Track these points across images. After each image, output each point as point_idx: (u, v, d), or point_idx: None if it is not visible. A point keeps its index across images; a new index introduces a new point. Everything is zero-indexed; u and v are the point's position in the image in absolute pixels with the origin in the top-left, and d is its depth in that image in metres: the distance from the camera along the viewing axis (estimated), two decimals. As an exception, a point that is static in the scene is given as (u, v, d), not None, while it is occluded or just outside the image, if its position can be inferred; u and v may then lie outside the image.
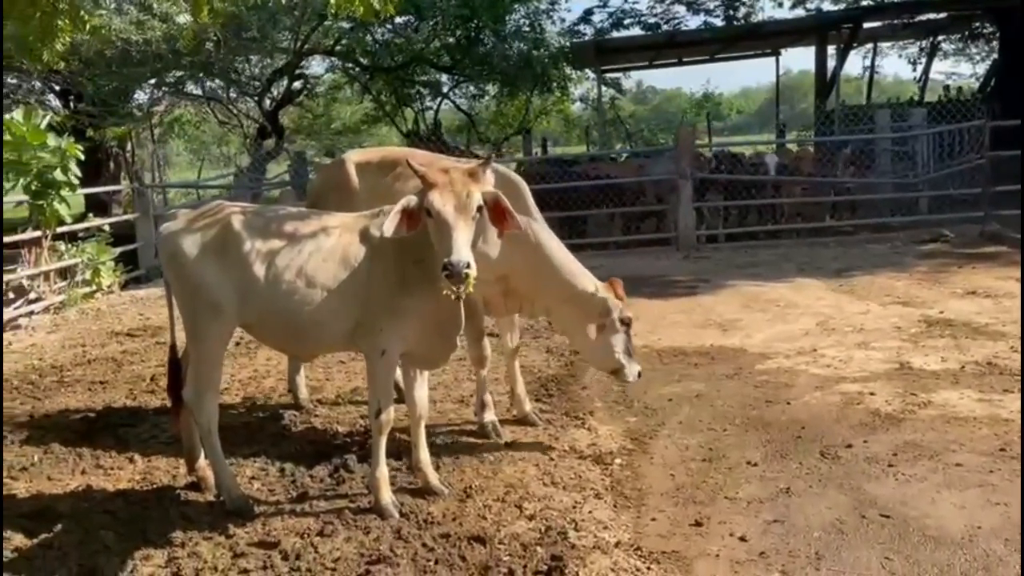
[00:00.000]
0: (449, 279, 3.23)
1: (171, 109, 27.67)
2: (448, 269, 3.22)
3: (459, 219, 3.33)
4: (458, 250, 3.26)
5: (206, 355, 3.86)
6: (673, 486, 4.08)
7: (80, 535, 3.74)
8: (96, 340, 8.10)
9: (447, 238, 3.30)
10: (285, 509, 3.93)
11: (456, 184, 3.40)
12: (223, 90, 24.94)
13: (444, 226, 3.33)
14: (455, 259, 3.22)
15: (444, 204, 3.35)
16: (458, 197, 3.36)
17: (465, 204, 3.36)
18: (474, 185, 3.43)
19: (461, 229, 3.32)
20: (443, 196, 3.37)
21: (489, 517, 3.77)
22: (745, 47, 20.23)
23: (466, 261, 3.24)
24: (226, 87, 26.07)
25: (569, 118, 30.24)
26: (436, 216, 3.35)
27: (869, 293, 8.24)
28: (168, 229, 3.88)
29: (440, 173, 3.45)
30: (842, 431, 4.64)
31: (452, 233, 3.30)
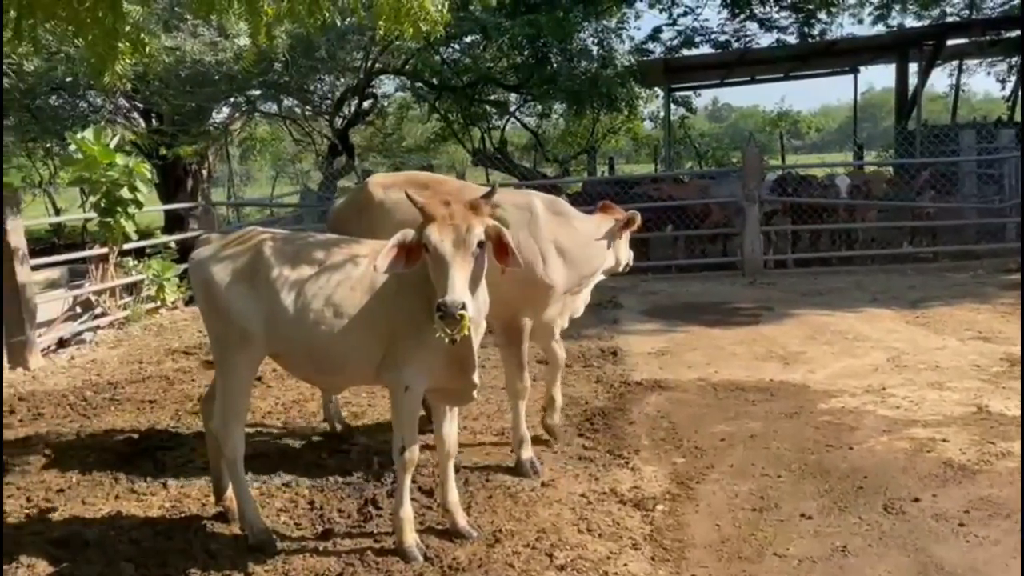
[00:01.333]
0: (442, 320, 3.02)
1: (247, 127, 28.44)
2: (442, 310, 3.00)
3: (457, 255, 3.12)
4: (453, 289, 3.04)
5: (234, 385, 3.76)
6: (718, 538, 3.79)
7: (102, 566, 3.68)
8: (153, 357, 8.18)
9: (443, 276, 3.10)
10: (308, 547, 3.79)
11: (456, 217, 3.19)
12: (299, 107, 25.47)
13: (440, 263, 3.12)
14: (449, 299, 3.01)
15: (442, 239, 3.14)
16: (457, 232, 3.15)
17: (464, 239, 3.14)
18: (475, 219, 3.21)
19: (458, 266, 3.11)
20: (441, 231, 3.16)
21: (517, 565, 3.55)
22: (821, 64, 19.59)
23: (461, 302, 3.01)
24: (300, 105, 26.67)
25: (638, 137, 29.91)
26: (432, 252, 3.15)
27: (947, 326, 7.74)
28: (199, 255, 3.80)
29: (440, 205, 3.25)
30: (909, 482, 4.27)
31: (448, 271, 3.09)
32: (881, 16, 21.99)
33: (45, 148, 21.91)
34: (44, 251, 10.89)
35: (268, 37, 7.09)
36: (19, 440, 5.67)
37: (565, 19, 17.46)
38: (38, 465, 5.09)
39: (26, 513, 4.37)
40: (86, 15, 5.72)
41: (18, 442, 5.63)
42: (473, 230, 3.15)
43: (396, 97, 27.52)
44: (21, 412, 6.42)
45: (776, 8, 20.11)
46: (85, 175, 9.70)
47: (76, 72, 15.85)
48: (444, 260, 3.10)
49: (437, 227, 3.16)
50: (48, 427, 5.94)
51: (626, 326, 8.42)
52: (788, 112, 33.59)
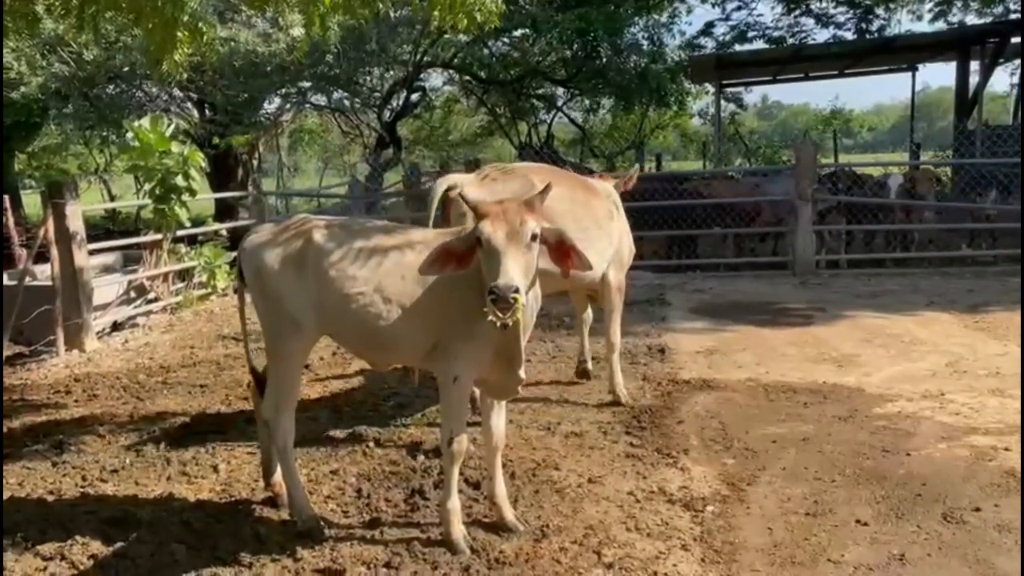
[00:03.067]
0: (495, 304, 2.98)
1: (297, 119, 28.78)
2: (494, 292, 2.97)
3: (510, 246, 3.09)
4: (506, 273, 3.01)
5: (285, 372, 3.79)
6: (770, 542, 3.70)
7: (153, 546, 3.73)
8: (204, 342, 8.31)
9: (496, 263, 3.07)
10: (356, 534, 3.80)
11: (509, 213, 3.17)
12: (348, 99, 25.69)
13: (493, 253, 3.10)
14: (502, 282, 2.97)
15: (495, 231, 3.12)
16: (510, 225, 3.13)
17: (518, 232, 3.12)
18: (529, 215, 3.18)
19: (512, 255, 3.07)
20: (494, 223, 3.14)
21: (564, 562, 3.52)
22: (878, 62, 19.12)
23: (514, 285, 2.98)
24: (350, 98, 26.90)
25: (686, 133, 29.61)
26: (486, 243, 3.12)
27: (1008, 332, 7.49)
28: (251, 243, 3.83)
29: (493, 204, 3.25)
30: (969, 492, 4.14)
31: (501, 258, 3.06)
32: (942, 12, 21.41)
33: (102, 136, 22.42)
34: (98, 237, 11.11)
35: (322, 28, 7.13)
36: (75, 420, 5.80)
37: (616, 13, 17.33)
38: (93, 445, 5.19)
39: (81, 491, 4.46)
40: (146, 4, 5.80)
41: (73, 422, 5.76)
42: (527, 224, 3.12)
43: (444, 91, 27.51)
44: (76, 393, 6.57)
45: (833, 3, 19.69)
46: (140, 163, 9.87)
47: (134, 61, 16.16)
48: (497, 249, 3.07)
49: (490, 221, 3.14)
50: (103, 408, 6.07)
51: (674, 324, 8.31)
52: (841, 110, 32.85)
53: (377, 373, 6.46)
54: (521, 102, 24.02)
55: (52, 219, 8.19)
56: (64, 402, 6.32)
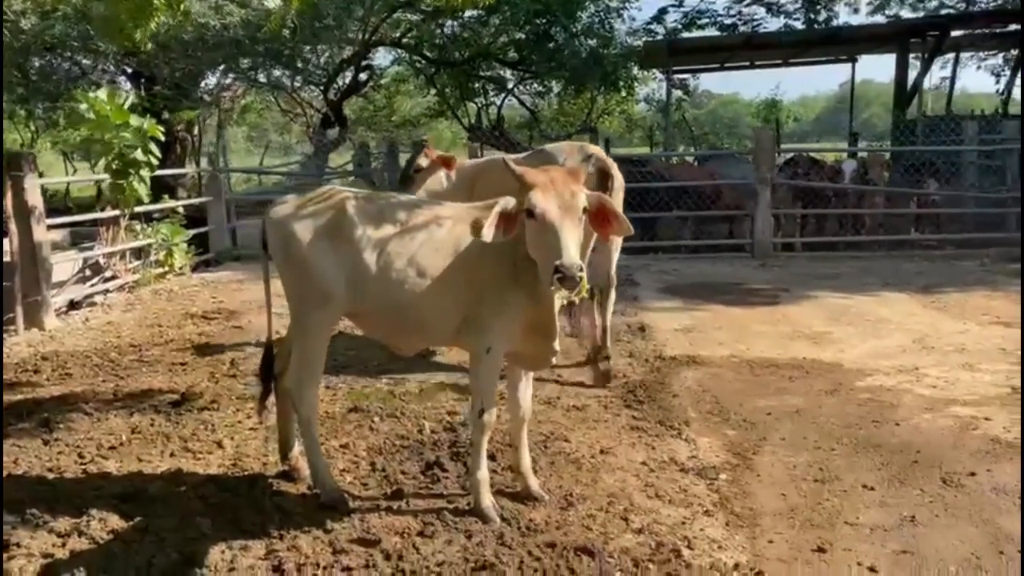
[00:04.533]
0: (562, 283, 3.00)
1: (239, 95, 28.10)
2: (561, 272, 2.98)
3: (565, 219, 3.11)
4: (568, 252, 3.03)
5: (312, 344, 3.75)
6: (786, 507, 3.85)
7: (175, 520, 3.66)
8: (172, 321, 8.11)
9: (554, 240, 3.07)
10: (381, 506, 3.81)
11: (558, 183, 3.19)
12: (288, 78, 25.19)
13: (549, 228, 3.10)
14: (568, 261, 2.99)
15: (548, 204, 3.13)
16: (561, 197, 3.15)
17: (570, 204, 3.14)
18: (576, 185, 3.21)
19: (568, 229, 3.09)
20: (545, 196, 3.15)
21: (594, 528, 3.59)
22: (822, 52, 19.67)
23: (579, 263, 3.01)
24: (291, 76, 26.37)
25: (632, 118, 29.91)
26: (540, 217, 3.12)
27: (964, 311, 7.87)
28: (279, 213, 3.77)
29: (539, 173, 3.26)
30: (961, 458, 4.37)
31: (560, 234, 3.07)
32: (880, 6, 22.11)
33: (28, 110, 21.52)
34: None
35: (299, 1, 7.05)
36: (55, 399, 5.62)
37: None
38: (83, 423, 5.04)
39: (83, 469, 4.34)
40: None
41: (54, 400, 5.57)
42: (578, 195, 3.15)
43: (392, 70, 27.18)
44: (46, 371, 6.35)
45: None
46: (97, 136, 9.54)
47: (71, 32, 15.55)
48: (552, 224, 3.09)
49: (540, 193, 3.15)
50: (81, 386, 5.88)
51: (647, 303, 8.47)
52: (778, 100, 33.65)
53: (364, 350, 6.43)
54: (471, 83, 23.92)
55: (11, 193, 7.86)
56: (36, 381, 6.11)
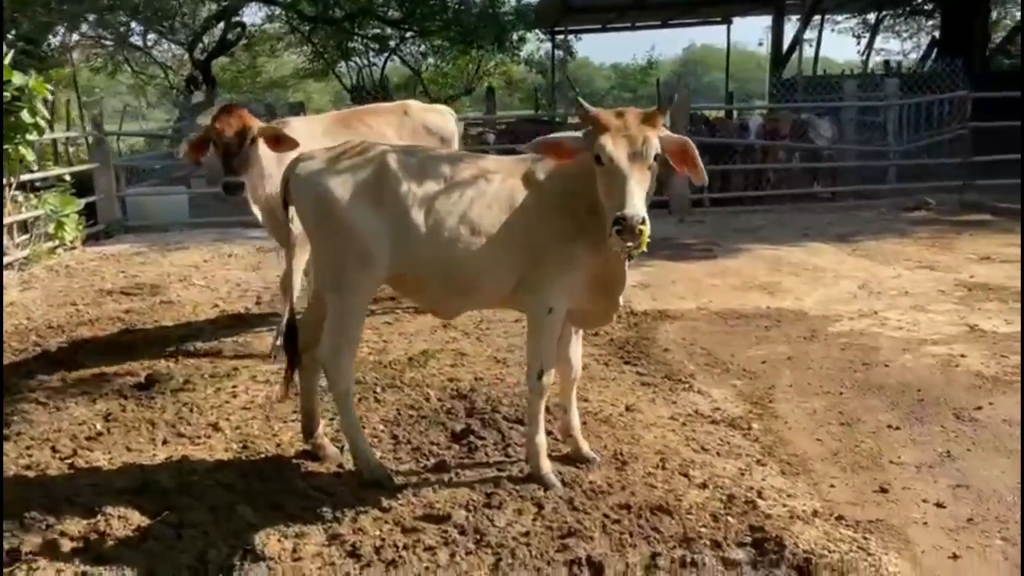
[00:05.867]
0: (621, 235, 2.86)
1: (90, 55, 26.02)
2: (621, 224, 2.84)
3: (634, 168, 2.96)
4: (633, 203, 2.89)
5: (351, 309, 3.45)
6: (827, 451, 3.92)
7: (206, 511, 3.31)
8: (85, 299, 7.40)
9: (620, 189, 2.93)
10: (430, 480, 3.59)
11: (631, 128, 3.03)
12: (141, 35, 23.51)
13: (616, 175, 2.95)
14: (630, 212, 2.85)
15: (617, 150, 2.98)
16: (633, 143, 3.00)
17: (641, 152, 2.99)
18: (651, 131, 3.05)
19: (636, 179, 2.95)
20: (616, 141, 2.99)
21: (658, 485, 3.53)
22: (705, 14, 20.23)
23: (642, 216, 2.88)
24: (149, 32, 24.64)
25: (512, 79, 29.76)
26: (607, 163, 2.97)
27: (887, 258, 8.30)
28: (309, 169, 3.42)
29: (613, 116, 3.09)
30: (959, 394, 4.58)
31: (626, 183, 2.93)
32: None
33: None
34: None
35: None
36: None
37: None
38: (40, 414, 4.50)
39: (68, 463, 3.86)
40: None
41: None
42: (650, 142, 3.00)
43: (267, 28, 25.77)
44: (-38, 360, 5.63)
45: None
46: (-28, 96, 8.49)
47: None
48: (621, 172, 2.94)
49: (611, 137, 2.98)
50: (16, 375, 5.25)
51: (590, 261, 8.45)
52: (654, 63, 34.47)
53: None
54: (351, 42, 23.03)
55: None
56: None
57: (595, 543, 3.08)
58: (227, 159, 5.05)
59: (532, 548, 3.03)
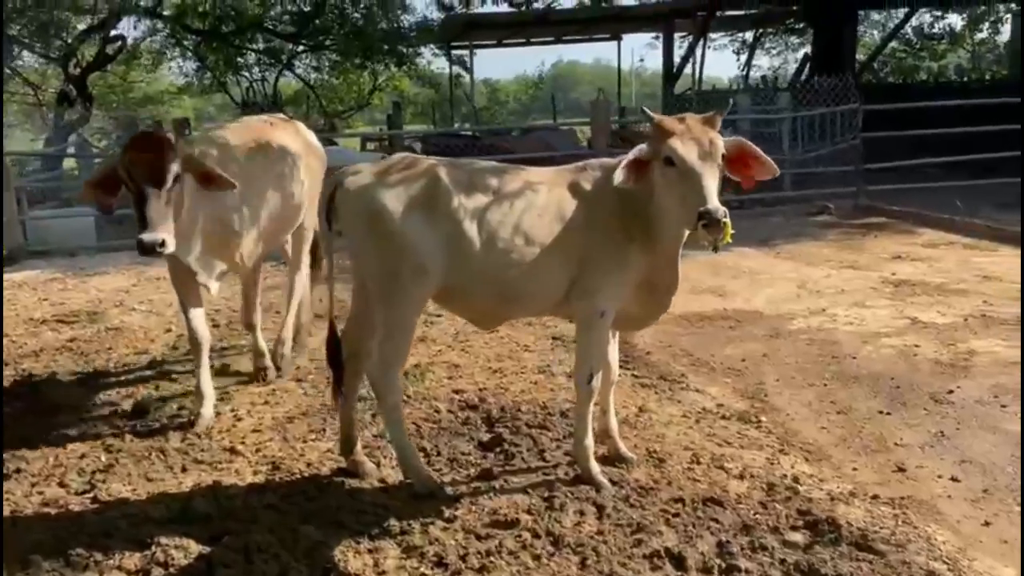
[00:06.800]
0: (707, 229, 3.06)
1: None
2: (706, 218, 3.02)
3: (705, 166, 3.16)
4: (711, 196, 3.09)
5: (402, 323, 3.47)
6: (836, 438, 4.21)
7: (264, 534, 3.24)
8: (18, 329, 6.93)
9: (696, 187, 3.12)
10: (480, 488, 3.63)
11: (695, 131, 3.23)
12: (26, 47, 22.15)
13: (691, 174, 3.14)
14: (713, 207, 3.04)
15: (688, 152, 3.17)
16: (700, 144, 3.20)
17: (710, 151, 3.20)
18: (713, 132, 3.26)
19: (709, 175, 3.15)
20: (684, 143, 3.19)
21: (700, 479, 3.70)
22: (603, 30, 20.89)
23: (724, 209, 3.08)
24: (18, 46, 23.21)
25: (405, 95, 29.73)
26: (680, 164, 3.16)
27: (810, 259, 8.86)
28: (359, 183, 3.41)
29: (676, 121, 3.29)
30: (927, 380, 4.99)
31: (703, 180, 3.12)
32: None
33: None
34: None
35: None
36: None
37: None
38: (30, 451, 4.22)
39: (87, 497, 3.67)
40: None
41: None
42: (716, 142, 3.19)
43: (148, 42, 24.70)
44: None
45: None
46: None
47: None
48: (694, 171, 3.12)
49: (680, 140, 3.16)
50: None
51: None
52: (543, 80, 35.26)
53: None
54: (241, 56, 22.46)
55: None
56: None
57: (664, 536, 3.21)
58: (141, 205, 3.86)
59: (610, 546, 3.14)
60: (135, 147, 3.92)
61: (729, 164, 3.32)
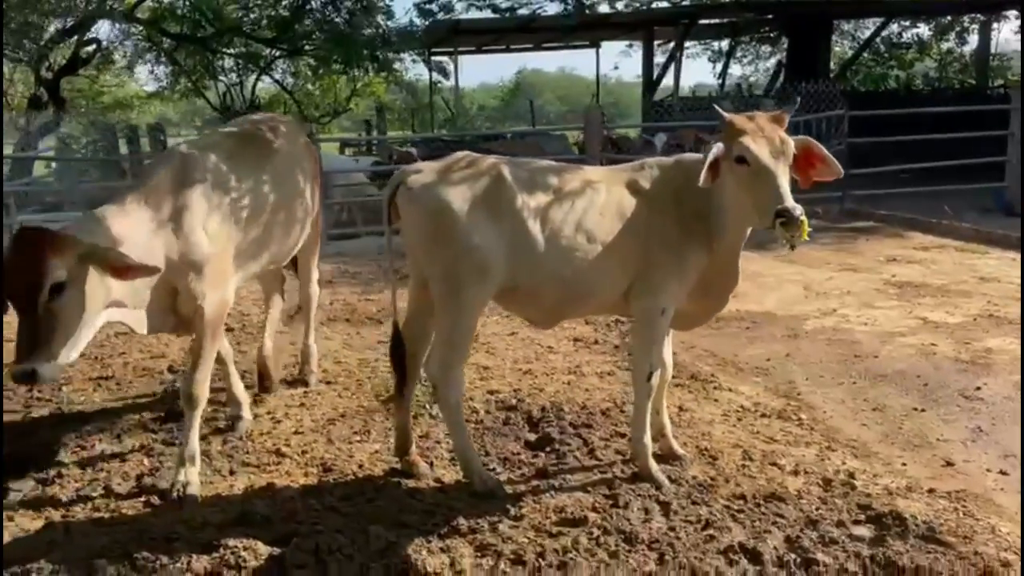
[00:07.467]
0: (786, 227, 3.11)
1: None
2: (785, 216, 3.07)
3: (779, 165, 3.20)
4: (787, 194, 3.14)
5: (464, 323, 3.45)
6: (879, 435, 4.28)
7: (334, 535, 3.19)
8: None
9: (771, 186, 3.16)
10: (540, 487, 3.63)
11: (766, 130, 3.28)
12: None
13: (764, 173, 3.17)
14: (790, 204, 3.09)
15: (761, 150, 3.21)
16: (772, 142, 3.24)
17: (781, 150, 3.24)
18: (782, 130, 3.31)
19: (783, 174, 3.20)
20: (757, 142, 3.23)
21: (757, 476, 3.73)
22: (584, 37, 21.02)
23: (800, 207, 3.14)
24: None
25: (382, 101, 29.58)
26: (754, 162, 3.20)
27: (810, 262, 8.97)
28: (421, 182, 3.40)
29: (746, 120, 3.32)
30: (954, 377, 5.09)
31: (777, 179, 3.17)
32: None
33: None
34: None
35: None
36: None
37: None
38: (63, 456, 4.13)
39: (139, 501, 3.61)
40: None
41: None
42: (787, 141, 3.23)
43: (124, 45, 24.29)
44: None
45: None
46: None
47: None
48: (768, 169, 3.16)
49: (752, 139, 3.19)
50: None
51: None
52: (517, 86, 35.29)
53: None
54: (218, 60, 22.19)
55: None
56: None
57: (733, 532, 3.24)
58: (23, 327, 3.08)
59: (683, 542, 3.15)
60: (9, 252, 3.06)
61: (799, 160, 3.36)
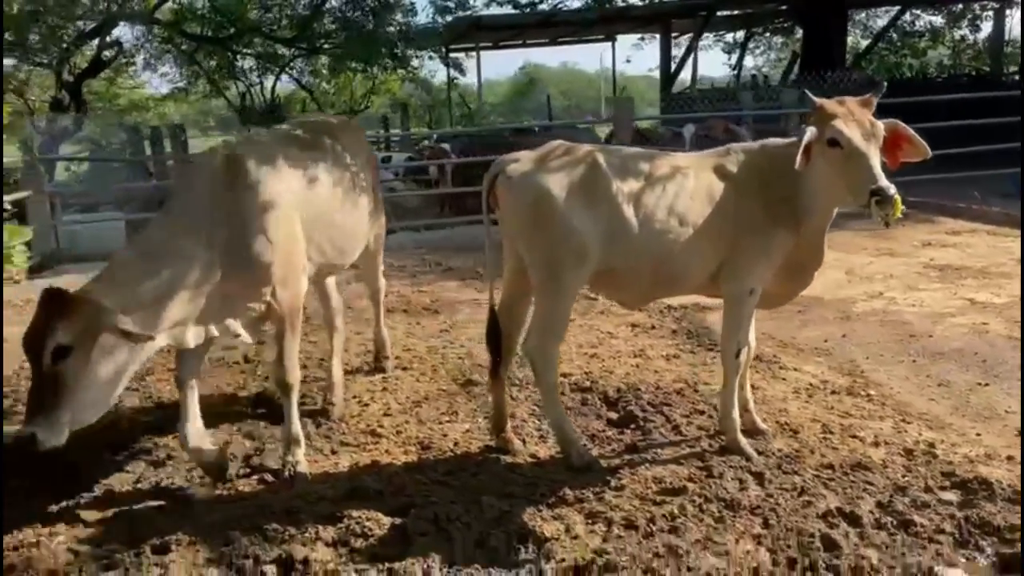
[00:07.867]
0: (880, 205, 3.27)
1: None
2: (881, 194, 3.24)
3: (870, 146, 3.36)
4: (881, 175, 3.30)
5: (562, 305, 3.63)
6: (949, 408, 4.43)
7: (449, 505, 3.36)
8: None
9: (864, 166, 3.31)
10: (634, 460, 3.80)
11: (856, 113, 3.43)
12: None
13: (857, 154, 3.33)
14: (884, 184, 3.25)
15: (853, 132, 3.37)
16: (863, 125, 3.40)
17: (872, 132, 3.39)
18: (870, 114, 3.45)
19: (874, 155, 3.36)
20: (848, 125, 3.38)
21: (840, 448, 3.89)
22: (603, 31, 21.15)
23: (893, 186, 3.29)
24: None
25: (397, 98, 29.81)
26: (847, 145, 3.35)
27: (847, 247, 9.06)
28: (521, 171, 3.57)
29: (836, 104, 3.48)
30: (1009, 353, 5.22)
31: (870, 160, 3.32)
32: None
33: None
34: None
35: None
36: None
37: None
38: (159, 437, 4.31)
39: (256, 479, 3.79)
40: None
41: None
42: (877, 124, 3.39)
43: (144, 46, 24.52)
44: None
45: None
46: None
47: None
48: (860, 151, 3.32)
49: (844, 122, 3.35)
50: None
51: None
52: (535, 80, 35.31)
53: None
54: (238, 61, 22.42)
55: None
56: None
57: (828, 499, 3.40)
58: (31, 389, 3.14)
59: (783, 507, 3.31)
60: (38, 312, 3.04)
61: (888, 142, 3.51)
